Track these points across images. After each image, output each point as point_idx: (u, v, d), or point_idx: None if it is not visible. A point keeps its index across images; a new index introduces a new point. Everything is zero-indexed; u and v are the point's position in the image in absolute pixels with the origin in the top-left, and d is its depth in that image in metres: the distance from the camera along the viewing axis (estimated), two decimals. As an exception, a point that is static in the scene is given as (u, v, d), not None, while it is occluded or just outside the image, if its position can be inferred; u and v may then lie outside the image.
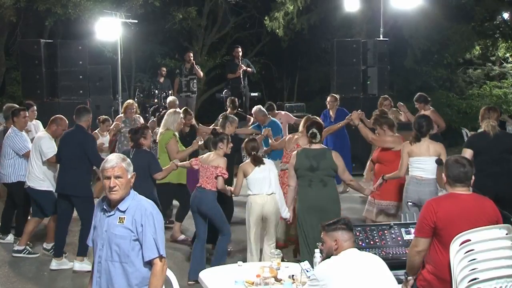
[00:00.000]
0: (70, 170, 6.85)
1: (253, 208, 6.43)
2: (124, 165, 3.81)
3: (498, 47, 20.59)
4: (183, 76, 13.64)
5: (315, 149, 6.11)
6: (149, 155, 6.75)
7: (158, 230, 3.79)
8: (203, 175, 6.54)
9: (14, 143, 7.63)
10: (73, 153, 6.85)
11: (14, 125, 7.80)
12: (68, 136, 7.09)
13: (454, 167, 4.27)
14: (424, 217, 4.20)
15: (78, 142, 6.88)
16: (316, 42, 21.14)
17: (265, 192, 6.40)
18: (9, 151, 7.69)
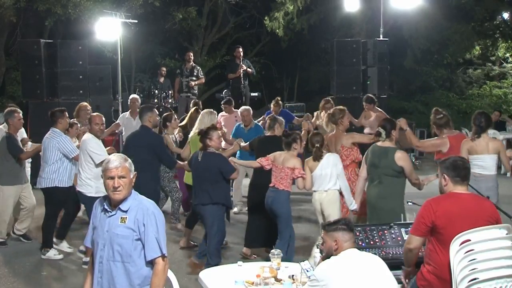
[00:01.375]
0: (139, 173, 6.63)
1: (314, 205, 6.62)
2: (127, 165, 3.82)
3: (498, 47, 20.60)
4: (184, 77, 13.64)
5: (381, 146, 6.20)
6: (219, 157, 6.47)
7: (160, 229, 3.79)
8: (277, 175, 6.51)
9: (63, 146, 7.20)
10: (142, 155, 6.47)
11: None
12: (134, 137, 6.88)
13: (455, 167, 4.27)
14: (422, 216, 4.21)
15: (146, 144, 6.66)
16: (316, 42, 21.15)
17: (323, 189, 6.48)
18: (53, 154, 7.22)
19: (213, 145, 6.40)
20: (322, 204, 6.51)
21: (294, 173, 6.46)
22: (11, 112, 7.73)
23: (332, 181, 6.48)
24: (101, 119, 7.12)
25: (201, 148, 6.47)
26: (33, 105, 11.67)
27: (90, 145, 6.90)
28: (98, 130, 7.04)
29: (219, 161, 6.40)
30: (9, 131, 7.69)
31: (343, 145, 7.18)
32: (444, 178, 4.30)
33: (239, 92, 13.36)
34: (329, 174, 6.46)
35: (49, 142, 7.24)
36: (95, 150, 6.86)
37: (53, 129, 7.30)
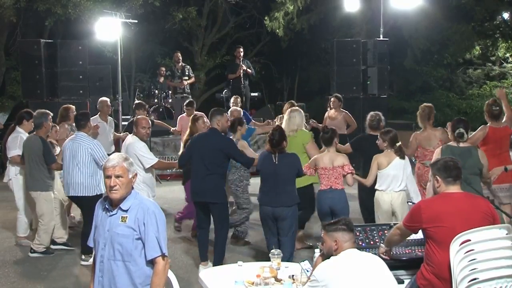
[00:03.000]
0: (207, 176, 6.43)
1: (381, 205, 6.45)
2: (125, 165, 3.81)
3: (498, 47, 20.62)
4: (176, 78, 13.56)
5: (462, 147, 6.15)
6: (295, 157, 6.33)
7: (160, 228, 3.80)
8: (330, 176, 6.41)
9: (95, 151, 6.90)
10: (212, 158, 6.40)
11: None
12: (202, 139, 6.66)
13: (446, 168, 4.30)
14: (414, 215, 4.30)
15: (216, 146, 6.48)
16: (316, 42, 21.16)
17: (394, 189, 6.39)
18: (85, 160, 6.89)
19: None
20: (394, 205, 6.40)
21: (344, 170, 6.42)
22: (45, 115, 7.42)
23: (403, 183, 6.41)
24: (148, 122, 6.96)
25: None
26: (33, 105, 11.65)
27: (139, 148, 6.73)
28: (144, 134, 6.89)
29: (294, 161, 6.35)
30: (41, 134, 7.32)
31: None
32: (436, 180, 4.32)
33: (239, 92, 13.36)
34: (401, 175, 6.38)
35: (78, 146, 6.88)
36: (144, 154, 6.73)
37: (80, 132, 7.01)
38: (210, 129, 6.73)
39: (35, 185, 7.26)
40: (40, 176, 7.22)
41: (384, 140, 6.48)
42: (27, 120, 7.69)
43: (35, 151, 7.21)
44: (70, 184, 6.89)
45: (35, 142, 7.24)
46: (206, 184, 6.41)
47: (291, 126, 7.33)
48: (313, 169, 6.54)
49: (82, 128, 7.03)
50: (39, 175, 7.22)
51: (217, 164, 6.45)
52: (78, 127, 7.13)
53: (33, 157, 7.21)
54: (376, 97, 13.09)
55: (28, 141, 7.36)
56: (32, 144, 7.26)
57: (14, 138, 7.64)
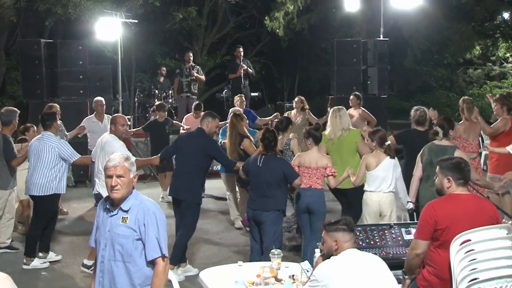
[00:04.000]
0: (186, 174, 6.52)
1: (369, 205, 6.45)
2: (126, 165, 3.81)
3: (498, 47, 20.61)
4: (184, 77, 13.61)
5: (439, 145, 6.22)
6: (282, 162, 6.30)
7: (161, 229, 3.79)
8: (311, 175, 6.41)
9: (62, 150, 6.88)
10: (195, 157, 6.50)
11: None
12: (188, 138, 6.77)
13: (460, 169, 4.24)
14: (425, 219, 4.17)
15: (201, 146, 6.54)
16: (316, 42, 21.16)
17: (383, 191, 6.39)
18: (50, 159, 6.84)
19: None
20: (382, 206, 6.41)
21: (326, 172, 6.42)
22: (14, 113, 7.39)
23: (392, 184, 6.41)
24: (125, 120, 6.97)
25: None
26: (33, 105, 11.67)
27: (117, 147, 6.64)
28: (123, 132, 6.89)
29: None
30: (4, 132, 7.30)
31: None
32: (448, 180, 4.24)
33: (240, 92, 13.35)
34: (390, 176, 6.38)
35: (44, 146, 6.86)
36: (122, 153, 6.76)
37: (47, 132, 6.98)
38: (197, 129, 6.81)
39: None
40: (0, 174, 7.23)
41: (373, 140, 6.47)
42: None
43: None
44: (31, 183, 6.89)
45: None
46: (183, 182, 6.49)
47: (343, 124, 7.22)
48: (297, 166, 6.47)
49: (48, 128, 7.02)
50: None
51: (198, 164, 6.53)
52: (44, 127, 7.11)
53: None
54: (376, 97, 13.08)
55: None
56: None
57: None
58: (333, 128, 7.22)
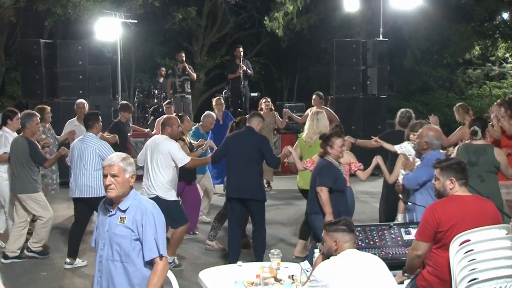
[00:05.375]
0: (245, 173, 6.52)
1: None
2: (121, 165, 3.80)
3: (497, 47, 20.61)
4: (176, 77, 13.54)
5: (476, 144, 6.22)
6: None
7: (158, 229, 3.78)
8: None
9: (103, 152, 6.75)
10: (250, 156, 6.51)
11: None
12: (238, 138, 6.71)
13: (463, 169, 4.23)
14: (427, 221, 4.15)
15: (253, 144, 6.55)
16: (316, 42, 21.16)
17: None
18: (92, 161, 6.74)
19: (333, 153, 5.99)
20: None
21: (351, 168, 6.42)
22: (29, 115, 7.23)
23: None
24: (178, 121, 6.94)
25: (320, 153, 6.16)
26: (33, 105, 11.59)
27: (173, 147, 6.64)
28: (178, 132, 6.89)
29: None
30: (24, 135, 7.15)
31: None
32: (451, 180, 4.21)
33: (239, 92, 13.37)
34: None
35: (86, 147, 6.77)
36: (178, 153, 6.65)
37: (89, 133, 6.90)
38: (247, 128, 6.75)
39: (22, 188, 7.10)
40: (27, 178, 7.06)
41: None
42: (11, 119, 7.44)
43: (20, 153, 7.07)
44: (76, 185, 6.81)
45: (20, 144, 7.09)
46: (246, 181, 6.48)
47: (320, 128, 7.12)
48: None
49: (90, 129, 6.93)
50: (25, 177, 7.06)
51: (256, 161, 6.56)
52: (86, 127, 7.03)
53: (19, 159, 7.07)
54: (376, 97, 13.08)
55: (14, 143, 7.20)
56: (18, 146, 7.11)
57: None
58: (309, 131, 7.17)
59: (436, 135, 5.60)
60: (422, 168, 5.57)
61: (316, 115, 7.27)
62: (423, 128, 5.77)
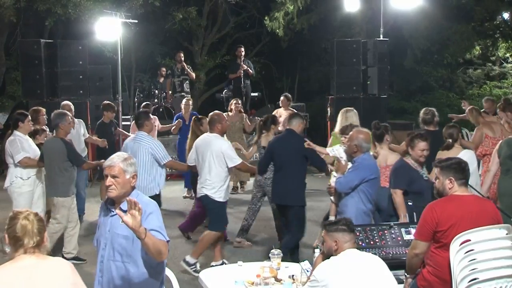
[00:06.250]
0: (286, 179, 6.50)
1: None
2: (121, 165, 3.79)
3: (498, 47, 20.59)
4: (175, 77, 13.57)
5: None
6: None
7: (161, 224, 3.72)
8: (382, 174, 6.35)
9: (156, 151, 6.69)
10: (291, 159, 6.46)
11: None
12: (279, 142, 6.67)
13: (462, 169, 4.23)
14: (426, 221, 4.16)
15: (297, 147, 6.50)
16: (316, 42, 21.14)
17: None
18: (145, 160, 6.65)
19: (413, 155, 5.98)
20: None
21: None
22: (62, 115, 7.10)
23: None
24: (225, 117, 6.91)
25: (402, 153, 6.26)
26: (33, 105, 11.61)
27: (227, 147, 6.59)
28: (224, 129, 6.83)
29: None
30: (58, 135, 7.01)
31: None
32: (450, 180, 4.22)
33: (240, 92, 13.37)
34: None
35: (139, 147, 6.68)
36: (231, 153, 6.60)
37: (141, 132, 6.82)
38: (287, 130, 6.72)
39: (53, 191, 6.98)
40: (60, 181, 6.89)
41: (451, 136, 6.49)
42: (22, 122, 7.26)
43: (55, 154, 6.89)
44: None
45: (55, 145, 6.90)
46: (286, 187, 6.45)
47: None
48: None
49: (141, 128, 6.83)
50: (58, 179, 6.90)
51: (297, 166, 6.51)
52: (138, 126, 6.92)
53: (54, 161, 6.90)
54: (376, 97, 13.08)
55: (48, 145, 7.04)
56: (52, 147, 6.92)
57: (12, 142, 7.16)
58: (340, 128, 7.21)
59: (365, 138, 5.62)
60: (354, 171, 5.61)
61: (346, 113, 7.34)
62: (353, 131, 5.78)
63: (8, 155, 7.19)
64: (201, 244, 6.69)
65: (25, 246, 3.08)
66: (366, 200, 5.56)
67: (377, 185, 5.65)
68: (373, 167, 5.64)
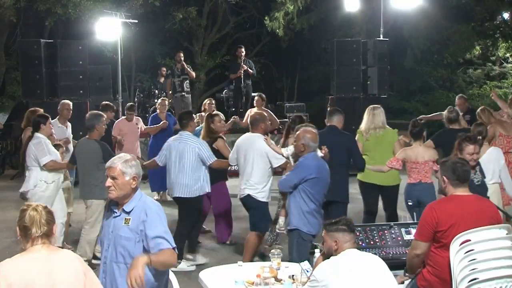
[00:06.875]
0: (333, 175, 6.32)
1: None
2: (121, 167, 3.76)
3: (498, 47, 20.61)
4: (175, 77, 13.54)
5: None
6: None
7: (166, 228, 3.71)
8: (420, 170, 6.45)
9: (202, 151, 6.66)
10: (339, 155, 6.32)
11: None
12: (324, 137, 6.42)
13: (454, 170, 4.24)
14: (426, 221, 4.16)
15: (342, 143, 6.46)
16: (316, 42, 21.17)
17: (487, 183, 6.23)
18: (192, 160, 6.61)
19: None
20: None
21: (435, 165, 6.42)
22: (98, 116, 6.96)
23: (495, 176, 6.39)
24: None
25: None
26: (33, 105, 11.56)
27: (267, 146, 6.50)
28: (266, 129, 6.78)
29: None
30: (92, 137, 6.84)
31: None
32: (443, 180, 4.27)
33: (240, 92, 13.38)
34: (491, 168, 6.33)
35: (185, 146, 6.64)
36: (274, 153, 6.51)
37: (185, 132, 6.80)
38: (330, 127, 6.66)
39: (89, 193, 6.84)
40: (95, 183, 6.71)
41: (480, 133, 6.51)
42: (44, 124, 7.04)
43: (90, 156, 6.74)
44: (176, 184, 6.67)
45: (90, 146, 6.75)
46: (333, 183, 6.30)
47: (376, 123, 7.13)
48: (401, 161, 6.52)
49: (185, 128, 6.81)
50: (93, 182, 6.74)
51: (343, 162, 6.48)
52: (182, 126, 6.89)
53: (89, 163, 6.75)
54: (376, 97, 13.07)
55: (82, 146, 6.88)
56: (87, 149, 6.77)
57: (38, 144, 6.89)
58: (366, 126, 7.21)
59: (312, 137, 5.59)
60: (294, 171, 5.60)
61: (373, 110, 7.28)
62: (300, 130, 5.73)
63: (31, 158, 6.94)
64: (248, 247, 6.57)
65: (33, 235, 3.22)
66: (308, 200, 5.49)
67: (319, 184, 5.53)
68: (313, 166, 5.52)
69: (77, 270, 3.31)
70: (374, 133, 7.08)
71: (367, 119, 7.20)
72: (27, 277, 3.15)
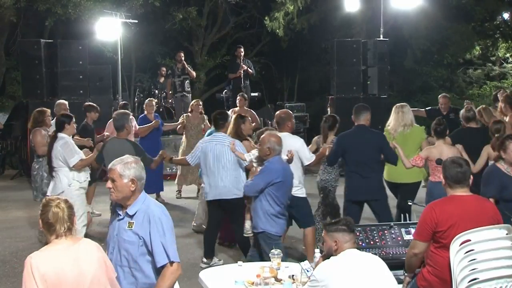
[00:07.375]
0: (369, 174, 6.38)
1: None
2: (119, 169, 3.76)
3: (498, 47, 20.62)
4: (176, 77, 13.53)
5: None
6: None
7: (167, 235, 3.71)
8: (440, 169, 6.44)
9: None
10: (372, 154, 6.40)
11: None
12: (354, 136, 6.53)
13: (451, 167, 4.25)
14: (425, 221, 4.17)
15: (373, 142, 6.46)
16: (316, 42, 21.15)
17: None
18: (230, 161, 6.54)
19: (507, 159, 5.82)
20: None
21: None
22: (127, 115, 6.88)
23: None
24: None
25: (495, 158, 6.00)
26: (33, 105, 11.63)
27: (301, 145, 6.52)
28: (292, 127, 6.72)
29: None
30: (122, 136, 6.79)
31: None
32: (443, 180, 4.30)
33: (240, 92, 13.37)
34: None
35: (222, 147, 6.56)
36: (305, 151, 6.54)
37: (220, 133, 6.73)
38: (359, 126, 6.60)
39: None
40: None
41: (498, 131, 6.48)
42: (68, 124, 6.96)
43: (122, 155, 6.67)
44: (215, 187, 6.57)
45: (122, 146, 6.59)
46: (371, 182, 6.37)
47: (405, 121, 7.15)
48: (424, 159, 6.49)
49: (220, 128, 6.77)
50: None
51: (376, 160, 6.49)
52: (217, 127, 6.82)
53: None
54: (376, 97, 13.08)
55: (113, 146, 6.73)
56: (120, 148, 6.53)
57: (65, 145, 6.81)
58: (394, 124, 7.21)
59: (277, 141, 5.63)
60: (260, 175, 5.63)
61: (402, 108, 7.28)
62: (265, 134, 5.81)
63: (58, 159, 6.85)
64: (308, 245, 6.55)
65: (57, 231, 3.41)
66: (273, 203, 5.54)
67: (284, 188, 5.59)
68: (279, 170, 5.56)
69: (99, 257, 3.50)
70: (402, 131, 7.13)
71: (396, 118, 7.22)
72: (58, 267, 3.31)
